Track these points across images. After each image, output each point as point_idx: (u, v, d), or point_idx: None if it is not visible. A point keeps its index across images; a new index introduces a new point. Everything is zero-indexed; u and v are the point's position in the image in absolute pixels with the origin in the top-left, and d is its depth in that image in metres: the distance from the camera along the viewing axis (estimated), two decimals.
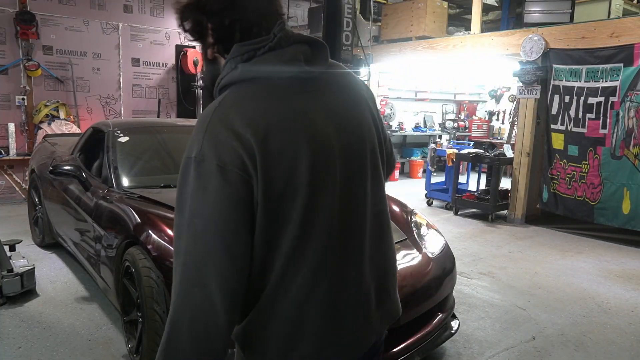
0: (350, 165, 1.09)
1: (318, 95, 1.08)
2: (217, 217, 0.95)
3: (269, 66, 1.03)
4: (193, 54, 8.08)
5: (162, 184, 3.38)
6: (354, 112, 1.13)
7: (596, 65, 5.68)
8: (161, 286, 2.38)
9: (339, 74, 1.15)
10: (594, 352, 3.11)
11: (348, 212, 1.08)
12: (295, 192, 0.99)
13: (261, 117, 0.98)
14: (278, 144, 0.97)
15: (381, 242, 1.18)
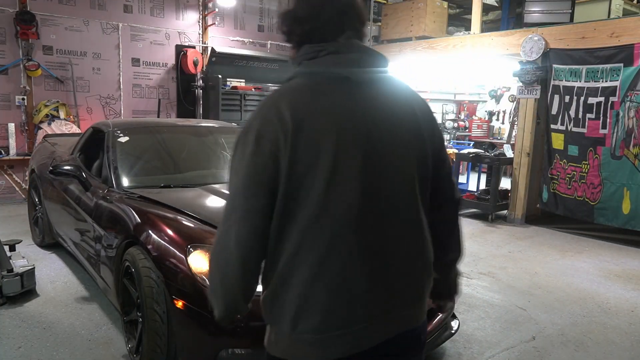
0: (377, 166, 1.18)
1: (360, 97, 1.20)
2: (245, 181, 1.14)
3: (324, 66, 1.21)
4: (193, 54, 8.08)
5: (162, 184, 3.38)
6: (392, 120, 1.23)
7: (596, 65, 5.68)
8: (161, 286, 2.38)
9: (390, 85, 1.28)
10: (594, 352, 3.11)
11: (370, 210, 1.17)
12: (315, 175, 1.12)
13: (303, 105, 1.16)
14: (309, 130, 1.13)
15: (405, 251, 1.24)
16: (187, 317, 2.27)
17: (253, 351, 2.22)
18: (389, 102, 1.25)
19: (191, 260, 2.33)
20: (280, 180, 1.13)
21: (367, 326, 1.19)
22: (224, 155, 4.11)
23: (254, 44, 9.12)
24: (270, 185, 1.13)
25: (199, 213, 2.78)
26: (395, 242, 1.23)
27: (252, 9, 9.06)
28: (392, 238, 1.22)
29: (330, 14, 1.24)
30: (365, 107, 1.20)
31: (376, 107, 1.22)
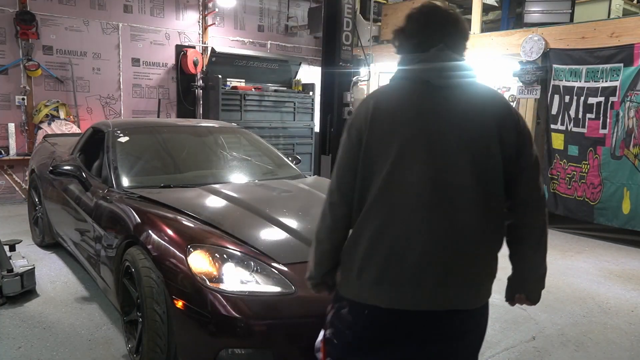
0: (439, 157, 1.40)
1: (436, 97, 1.43)
2: (339, 162, 1.51)
3: (410, 72, 1.47)
4: (193, 54, 8.08)
5: (162, 184, 3.37)
6: (460, 119, 1.43)
7: (596, 65, 5.68)
8: (161, 286, 2.38)
9: (469, 90, 1.48)
10: (594, 352, 3.11)
11: (427, 192, 1.39)
12: (384, 158, 1.42)
13: (386, 102, 1.47)
14: (384, 122, 1.43)
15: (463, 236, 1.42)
16: (187, 317, 2.27)
17: (253, 351, 2.22)
18: (462, 104, 1.45)
19: (191, 260, 2.33)
20: (360, 160, 1.45)
21: (415, 290, 1.41)
22: (224, 155, 4.11)
23: (254, 44, 9.12)
24: (353, 162, 1.47)
25: (199, 213, 2.78)
26: (452, 225, 1.40)
27: (252, 9, 9.06)
28: (449, 221, 1.40)
29: (431, 30, 1.47)
30: (438, 106, 1.43)
31: (448, 108, 1.43)
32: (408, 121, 1.42)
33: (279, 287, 2.27)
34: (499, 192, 1.47)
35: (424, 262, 1.40)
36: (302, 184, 3.67)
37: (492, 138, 1.43)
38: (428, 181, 1.39)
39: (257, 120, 8.21)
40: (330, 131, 6.60)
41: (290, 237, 2.65)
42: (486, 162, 1.43)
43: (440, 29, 1.48)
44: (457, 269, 1.42)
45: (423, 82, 1.45)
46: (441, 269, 1.41)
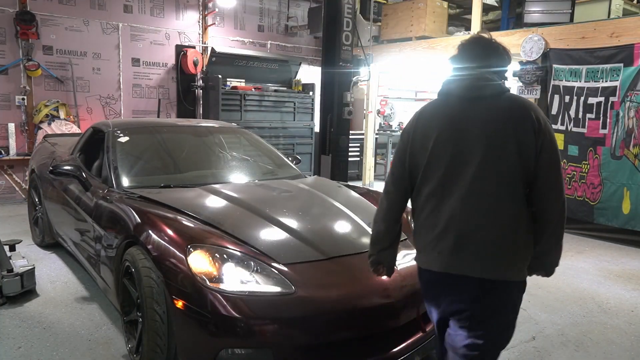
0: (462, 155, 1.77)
1: (465, 109, 1.80)
2: (394, 155, 1.98)
3: (446, 88, 1.90)
4: (193, 54, 8.08)
5: (162, 184, 3.37)
6: (483, 127, 1.76)
7: (596, 65, 5.68)
8: (161, 286, 2.38)
9: (497, 101, 1.79)
10: (594, 352, 3.11)
11: (450, 181, 1.78)
12: (422, 156, 1.84)
13: (427, 112, 1.92)
14: (423, 129, 1.87)
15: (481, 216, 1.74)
16: (187, 317, 2.27)
17: (253, 351, 2.22)
18: (484, 111, 1.78)
19: (191, 260, 2.33)
20: (407, 155, 1.89)
21: (442, 257, 1.79)
22: (224, 155, 4.11)
23: (254, 44, 9.12)
24: (403, 160, 1.91)
25: (199, 213, 2.78)
26: (471, 208, 1.74)
27: (252, 9, 9.06)
28: (469, 205, 1.74)
29: (471, 55, 1.85)
30: (464, 113, 1.80)
31: (471, 114, 1.78)
32: (441, 125, 1.82)
33: (279, 287, 2.27)
34: (514, 181, 1.73)
35: (447, 235, 1.78)
36: (302, 184, 3.67)
37: (509, 136, 1.73)
38: (449, 174, 1.78)
39: (257, 120, 8.22)
40: (330, 131, 6.60)
41: (290, 237, 2.65)
42: (500, 155, 1.73)
43: (480, 55, 1.83)
44: (475, 243, 1.75)
45: (456, 97, 1.84)
46: (461, 241, 1.75)
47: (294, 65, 9.03)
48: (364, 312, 2.33)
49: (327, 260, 2.51)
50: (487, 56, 1.84)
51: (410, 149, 1.89)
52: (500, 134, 1.73)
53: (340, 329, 2.30)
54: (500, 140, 1.73)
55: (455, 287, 1.81)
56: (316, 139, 8.25)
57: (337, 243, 2.71)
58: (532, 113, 1.74)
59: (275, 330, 2.20)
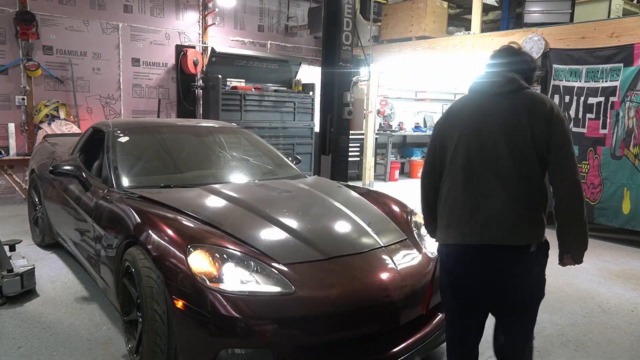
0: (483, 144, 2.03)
1: (489, 103, 2.08)
2: (428, 145, 2.26)
3: (475, 86, 2.20)
4: (193, 54, 8.08)
5: (162, 184, 3.37)
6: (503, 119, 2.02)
7: (596, 65, 5.68)
8: (161, 286, 2.38)
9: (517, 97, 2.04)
10: (594, 352, 3.11)
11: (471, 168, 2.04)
12: (450, 145, 2.12)
13: (456, 107, 2.21)
14: (451, 121, 2.17)
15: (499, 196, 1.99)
16: (187, 317, 2.27)
17: (253, 351, 2.22)
18: (505, 105, 2.04)
19: (191, 260, 2.33)
20: (438, 146, 2.17)
21: (464, 231, 2.04)
22: (224, 155, 4.11)
23: (254, 44, 9.12)
24: (436, 151, 2.19)
25: (199, 213, 2.78)
26: (490, 189, 2.00)
27: (252, 9, 9.06)
28: (487, 186, 2.00)
29: (499, 60, 2.17)
30: (487, 107, 2.08)
31: (493, 108, 2.06)
32: (466, 117, 2.11)
33: (279, 287, 2.27)
34: (531, 165, 1.98)
35: (468, 211, 2.03)
36: (302, 184, 3.67)
37: (524, 126, 1.98)
38: (470, 161, 2.05)
39: (257, 120, 8.22)
40: (330, 131, 6.60)
41: (290, 237, 2.65)
42: (518, 143, 1.98)
43: (505, 60, 2.15)
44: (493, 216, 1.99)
45: (482, 93, 2.13)
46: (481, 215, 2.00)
47: (294, 65, 9.03)
48: (364, 312, 2.33)
49: (327, 260, 2.51)
50: (511, 60, 2.14)
51: (441, 140, 2.16)
52: (517, 124, 1.99)
53: (340, 329, 2.30)
54: (517, 129, 1.99)
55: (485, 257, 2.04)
56: (316, 139, 8.25)
57: (337, 243, 2.71)
58: (546, 104, 1.99)
59: (275, 330, 2.20)
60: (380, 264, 2.58)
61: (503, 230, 1.98)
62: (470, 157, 2.04)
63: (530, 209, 1.99)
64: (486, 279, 2.07)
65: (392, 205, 3.35)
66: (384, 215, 3.17)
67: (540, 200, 2.02)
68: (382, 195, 3.59)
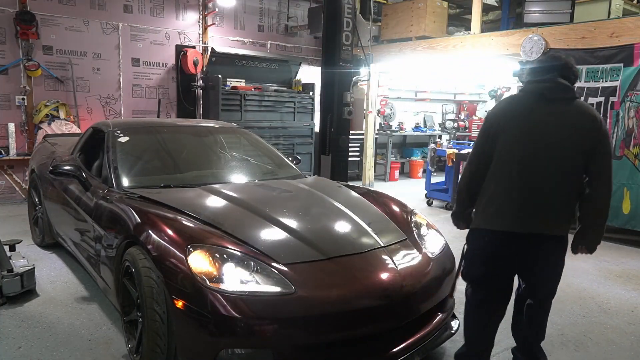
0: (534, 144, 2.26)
1: (544, 106, 2.29)
2: (478, 135, 2.43)
3: (533, 87, 2.34)
4: (193, 54, 8.08)
5: (162, 184, 3.37)
6: (555, 122, 2.26)
7: (596, 65, 5.68)
8: (161, 286, 2.38)
9: (570, 105, 2.30)
10: (594, 352, 3.11)
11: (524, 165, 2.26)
12: (501, 141, 2.30)
13: (513, 103, 2.39)
14: (505, 118, 2.34)
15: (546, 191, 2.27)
16: (187, 317, 2.27)
17: (253, 351, 2.22)
18: (560, 110, 2.28)
19: (191, 260, 2.33)
20: (490, 137, 2.34)
21: (515, 219, 2.28)
22: (224, 155, 4.11)
23: (254, 44, 9.12)
24: (482, 141, 2.38)
25: (199, 213, 2.78)
26: (543, 184, 2.25)
27: (252, 9, 9.06)
28: (541, 181, 2.25)
29: (551, 67, 2.35)
30: (544, 109, 2.28)
31: (550, 111, 2.28)
32: (524, 115, 2.30)
33: (279, 287, 2.28)
34: (578, 167, 2.27)
35: (518, 202, 2.27)
36: (302, 184, 3.67)
37: (578, 133, 2.25)
38: (524, 159, 2.25)
39: (257, 120, 8.22)
40: (330, 131, 6.60)
41: (290, 237, 2.65)
42: (570, 146, 2.24)
43: (557, 68, 2.33)
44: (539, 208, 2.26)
45: (538, 95, 2.31)
46: (529, 205, 2.26)
47: (294, 65, 9.03)
48: (364, 312, 2.33)
49: (327, 260, 2.51)
50: (560, 68, 2.34)
51: (495, 131, 2.32)
52: (571, 130, 2.25)
53: (340, 329, 2.30)
54: (571, 134, 2.24)
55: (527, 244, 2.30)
56: (316, 139, 8.25)
57: (337, 243, 2.71)
58: (596, 116, 2.29)
59: (275, 330, 2.20)
60: (380, 264, 2.58)
61: (550, 222, 2.27)
62: (528, 153, 2.25)
63: (571, 205, 2.33)
64: (523, 266, 2.38)
65: (392, 205, 3.35)
66: (384, 215, 3.17)
67: (577, 198, 2.33)
68: (382, 195, 3.59)
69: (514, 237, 2.29)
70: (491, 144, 2.33)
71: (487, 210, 2.34)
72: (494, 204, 2.31)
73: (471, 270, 2.47)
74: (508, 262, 2.37)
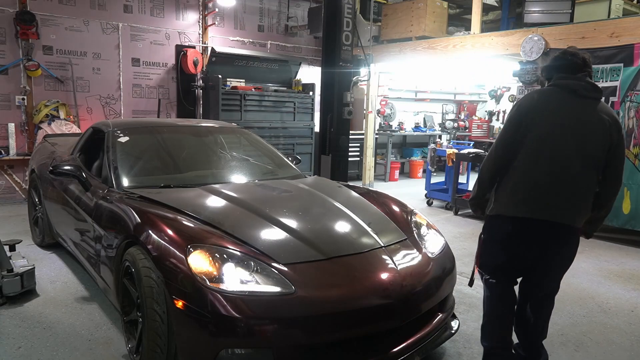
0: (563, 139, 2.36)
1: (575, 102, 2.39)
2: (507, 122, 2.47)
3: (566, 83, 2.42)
4: (193, 54, 8.08)
5: (162, 184, 3.37)
6: (583, 119, 2.37)
7: (596, 66, 5.68)
8: (161, 286, 2.38)
9: (597, 104, 2.40)
10: (594, 352, 3.11)
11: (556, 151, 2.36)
12: (532, 132, 2.38)
13: (545, 96, 2.44)
14: (537, 109, 2.39)
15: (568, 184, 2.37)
16: (187, 317, 2.27)
17: (253, 351, 2.22)
18: (590, 109, 2.38)
19: (191, 260, 2.33)
20: (521, 127, 2.39)
21: (541, 207, 2.37)
22: (224, 155, 4.11)
23: (254, 44, 9.12)
24: (513, 129, 2.42)
25: (199, 213, 2.78)
26: (570, 176, 2.36)
27: (252, 9, 9.06)
28: (569, 173, 2.35)
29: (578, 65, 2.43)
30: (575, 108, 2.38)
31: (581, 110, 2.37)
32: (557, 110, 2.39)
33: (279, 287, 2.27)
34: (599, 162, 2.39)
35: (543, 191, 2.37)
36: (302, 184, 3.67)
37: (604, 131, 2.37)
38: (564, 145, 2.34)
39: (257, 120, 8.22)
40: (330, 131, 6.60)
41: (290, 237, 2.65)
42: (596, 142, 2.37)
43: (580, 66, 2.43)
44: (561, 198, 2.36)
45: (571, 91, 2.39)
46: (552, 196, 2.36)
47: (294, 65, 9.03)
48: (364, 312, 2.33)
49: (327, 260, 2.51)
50: (587, 68, 2.44)
51: (528, 121, 2.37)
52: (598, 127, 2.36)
53: (340, 329, 2.30)
54: (598, 131, 2.36)
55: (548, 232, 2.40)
56: (316, 139, 8.25)
57: (337, 243, 2.71)
58: (617, 117, 2.44)
59: (275, 330, 2.20)
60: (380, 264, 2.58)
61: (572, 213, 2.39)
62: (559, 146, 2.34)
63: (590, 200, 2.45)
64: (539, 255, 2.46)
65: (392, 205, 3.35)
66: (384, 215, 3.17)
67: (594, 193, 2.45)
68: (382, 195, 3.59)
69: (538, 224, 2.38)
70: (523, 132, 2.38)
71: (513, 198, 2.40)
72: (521, 191, 2.39)
73: (490, 260, 2.55)
74: (528, 249, 2.45)
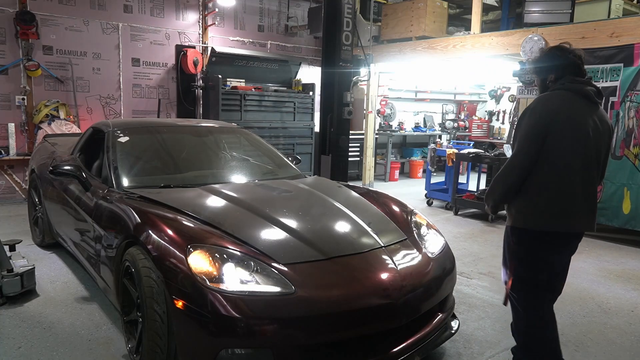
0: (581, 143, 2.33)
1: (588, 107, 2.38)
2: (528, 127, 2.35)
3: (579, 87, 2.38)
4: (193, 54, 8.08)
5: (162, 184, 3.37)
6: (596, 124, 2.36)
7: (596, 66, 5.68)
8: (161, 286, 2.38)
9: (600, 110, 2.43)
10: (594, 352, 3.11)
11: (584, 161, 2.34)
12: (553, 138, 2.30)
13: (560, 101, 2.37)
14: (559, 112, 2.32)
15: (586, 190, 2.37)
16: (187, 317, 2.27)
17: (253, 351, 2.22)
18: (598, 115, 2.40)
19: (191, 260, 2.33)
20: (543, 129, 2.30)
21: (576, 220, 2.36)
22: (224, 155, 4.11)
23: (254, 44, 9.12)
24: (538, 139, 2.31)
25: (199, 213, 2.78)
26: (593, 186, 2.39)
27: (252, 9, 9.06)
28: (592, 183, 2.38)
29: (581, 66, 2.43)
30: (590, 115, 2.37)
31: (594, 118, 2.37)
32: (577, 118, 2.34)
33: (279, 287, 2.28)
34: (601, 166, 2.45)
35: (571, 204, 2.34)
36: (302, 184, 3.67)
37: (608, 138, 2.44)
38: (586, 154, 2.33)
39: (257, 120, 8.22)
40: (330, 131, 6.60)
41: (290, 237, 2.65)
42: (602, 148, 2.41)
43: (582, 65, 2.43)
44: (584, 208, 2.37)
45: (585, 96, 2.38)
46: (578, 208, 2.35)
47: (294, 65, 9.03)
48: (364, 312, 2.33)
49: (327, 260, 2.51)
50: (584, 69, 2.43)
51: (552, 129, 2.30)
52: (603, 132, 2.41)
53: (340, 329, 2.30)
54: (604, 137, 2.41)
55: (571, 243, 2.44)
56: (316, 139, 8.25)
57: (337, 243, 2.71)
58: (611, 124, 2.49)
59: (275, 330, 2.20)
60: (380, 264, 2.58)
61: (591, 221, 2.41)
62: (586, 156, 2.33)
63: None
64: (566, 260, 2.50)
65: (392, 205, 3.35)
66: (384, 215, 3.17)
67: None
68: (382, 195, 3.59)
69: (573, 237, 2.42)
70: (544, 139, 2.30)
71: (548, 211, 2.32)
72: (557, 205, 2.32)
73: (531, 274, 2.45)
74: (559, 260, 2.46)
